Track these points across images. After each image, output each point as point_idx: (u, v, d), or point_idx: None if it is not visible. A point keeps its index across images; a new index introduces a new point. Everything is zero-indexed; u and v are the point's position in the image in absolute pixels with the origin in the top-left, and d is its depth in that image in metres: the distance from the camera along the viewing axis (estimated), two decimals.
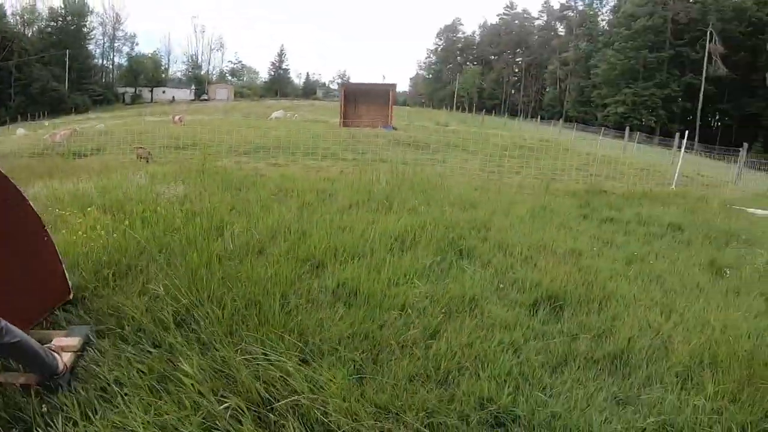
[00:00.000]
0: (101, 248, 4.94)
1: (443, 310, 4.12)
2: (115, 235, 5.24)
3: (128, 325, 3.63)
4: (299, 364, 3.21)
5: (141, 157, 12.80)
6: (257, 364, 3.18)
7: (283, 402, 2.90)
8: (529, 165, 15.19)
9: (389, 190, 8.65)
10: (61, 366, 3.08)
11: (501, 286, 4.80)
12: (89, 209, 5.85)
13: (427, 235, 5.96)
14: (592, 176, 14.71)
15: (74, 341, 3.37)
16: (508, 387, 3.17)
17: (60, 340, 3.35)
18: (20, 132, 31.25)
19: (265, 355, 3.24)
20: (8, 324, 2.81)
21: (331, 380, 3.05)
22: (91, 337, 3.52)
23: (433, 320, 3.93)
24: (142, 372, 3.12)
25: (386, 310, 4.04)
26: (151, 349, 3.35)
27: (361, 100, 31.49)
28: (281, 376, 3.08)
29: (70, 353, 3.24)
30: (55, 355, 3.11)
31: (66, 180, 9.01)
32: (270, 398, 2.95)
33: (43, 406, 2.92)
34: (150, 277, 4.42)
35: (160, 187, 7.90)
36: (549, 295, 4.63)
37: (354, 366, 3.30)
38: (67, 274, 4.01)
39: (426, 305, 4.19)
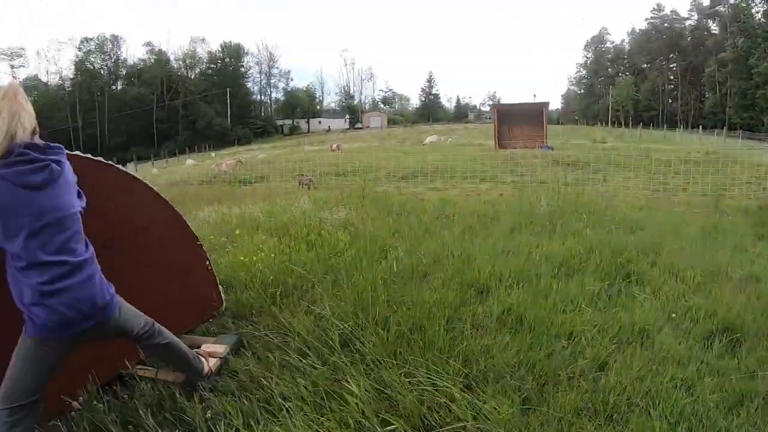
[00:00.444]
0: (269, 268, 5.21)
1: (613, 341, 3.90)
2: (282, 256, 5.49)
3: (294, 342, 3.77)
4: (463, 391, 3.14)
5: (303, 184, 13.41)
6: (421, 388, 3.15)
7: (446, 428, 2.85)
8: (695, 181, 14.18)
9: (551, 212, 8.41)
10: (206, 369, 3.46)
11: (673, 315, 4.47)
12: (257, 232, 6.13)
13: (594, 259, 5.70)
14: (766, 190, 13.45)
15: (221, 348, 3.76)
16: (681, 428, 2.94)
17: (208, 346, 3.79)
18: (189, 162, 34.12)
19: (430, 379, 3.20)
20: (161, 327, 3.18)
21: (495, 409, 2.96)
22: (241, 346, 3.89)
23: (603, 351, 3.73)
24: (307, 388, 3.20)
25: (553, 338, 3.89)
26: (317, 367, 3.43)
27: (514, 121, 30.81)
28: (445, 402, 3.03)
29: (216, 359, 3.64)
30: (202, 359, 3.49)
31: (233, 205, 9.60)
32: (433, 424, 2.91)
33: (208, 412, 3.13)
34: (315, 297, 4.58)
35: (323, 212, 8.20)
36: (725, 326, 4.25)
37: (519, 395, 3.18)
38: (220, 288, 4.56)
39: (594, 334, 3.98)
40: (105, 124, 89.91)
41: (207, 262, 4.47)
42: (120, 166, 3.75)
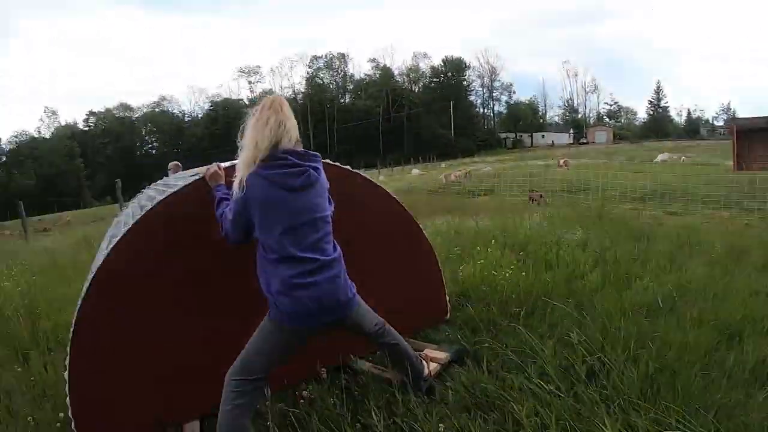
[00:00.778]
0: (506, 284, 5.13)
1: None
2: (521, 274, 5.36)
3: (535, 365, 3.62)
4: None
5: (533, 200, 13.16)
6: None
7: None
8: None
9: None
10: (425, 372, 3.60)
11: None
12: (492, 245, 6.07)
13: None
14: None
15: (442, 355, 3.96)
16: None
17: (431, 351, 4.01)
18: (415, 172, 35.36)
19: (680, 430, 2.90)
20: (390, 327, 3.45)
21: None
22: (465, 358, 4.01)
23: None
24: (547, 418, 3.05)
25: None
26: (561, 396, 3.24)
27: (756, 139, 26.69)
28: None
29: (436, 364, 3.82)
30: (423, 362, 3.65)
31: (464, 216, 9.62)
32: None
33: (441, 425, 3.11)
34: (555, 320, 4.40)
35: (559, 230, 7.92)
36: None
37: None
38: (447, 298, 4.78)
39: None
40: (333, 133, 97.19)
41: (438, 271, 4.69)
42: (364, 175, 4.14)
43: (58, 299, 7.18)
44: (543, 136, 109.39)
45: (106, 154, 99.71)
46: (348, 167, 3.97)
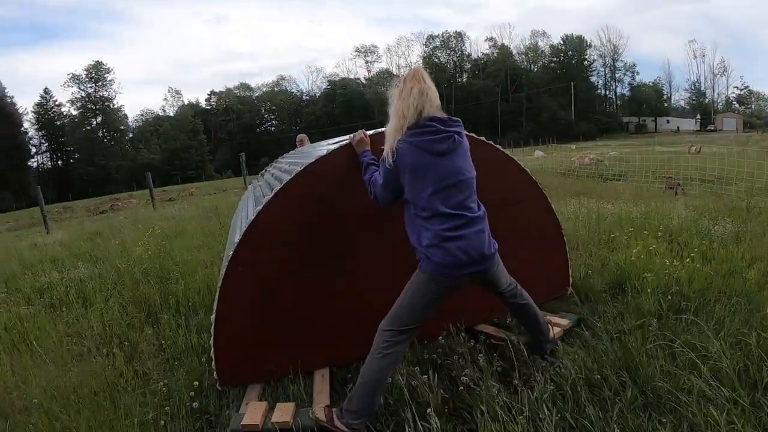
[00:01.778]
0: (665, 275, 4.86)
1: None
2: (686, 263, 5.06)
3: (706, 365, 3.31)
4: None
5: (669, 187, 12.45)
6: None
7: None
8: None
9: None
10: (551, 334, 3.93)
11: None
12: (641, 233, 5.75)
13: None
14: None
15: (565, 322, 4.29)
16: None
17: (552, 317, 4.32)
18: (538, 153, 34.50)
19: None
20: (522, 289, 3.71)
21: None
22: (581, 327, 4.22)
23: None
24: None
25: None
26: (739, 401, 2.95)
27: None
28: None
29: (559, 329, 4.13)
30: (548, 325, 3.96)
31: (600, 200, 9.21)
32: None
33: None
34: (721, 317, 4.06)
35: (705, 221, 7.39)
36: None
37: None
38: (570, 272, 5.05)
39: None
40: (451, 113, 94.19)
41: (563, 245, 4.93)
42: (499, 147, 4.36)
43: (188, 263, 7.50)
44: (668, 122, 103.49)
45: (227, 130, 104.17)
46: (482, 138, 4.16)
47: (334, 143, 4.09)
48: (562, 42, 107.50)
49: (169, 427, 3.45)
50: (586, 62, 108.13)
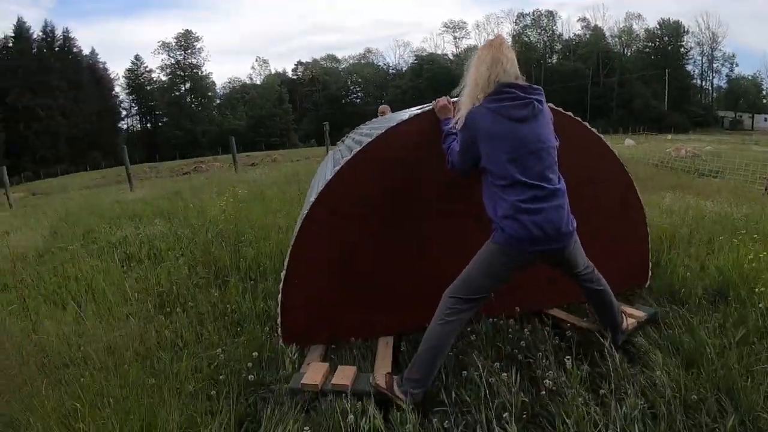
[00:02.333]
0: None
1: None
2: None
3: None
4: None
5: None
6: None
7: None
8: None
9: None
10: (624, 325, 3.70)
11: None
12: (753, 238, 5.23)
13: None
14: None
15: (640, 314, 4.00)
16: None
17: (627, 308, 4.03)
18: (629, 142, 33.12)
19: None
20: (598, 273, 3.51)
21: None
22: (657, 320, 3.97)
23: None
24: None
25: None
26: None
27: None
28: None
29: (633, 320, 3.86)
30: (624, 316, 3.75)
31: (699, 197, 8.65)
32: None
33: None
34: None
35: None
36: None
37: None
38: (650, 265, 4.74)
39: None
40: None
41: (645, 234, 4.64)
42: (585, 123, 4.12)
43: (263, 227, 7.42)
44: (765, 119, 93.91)
45: (312, 100, 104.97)
46: (560, 109, 3.88)
47: (417, 110, 4.00)
48: (658, 26, 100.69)
49: (219, 399, 3.28)
50: (682, 49, 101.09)
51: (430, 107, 3.72)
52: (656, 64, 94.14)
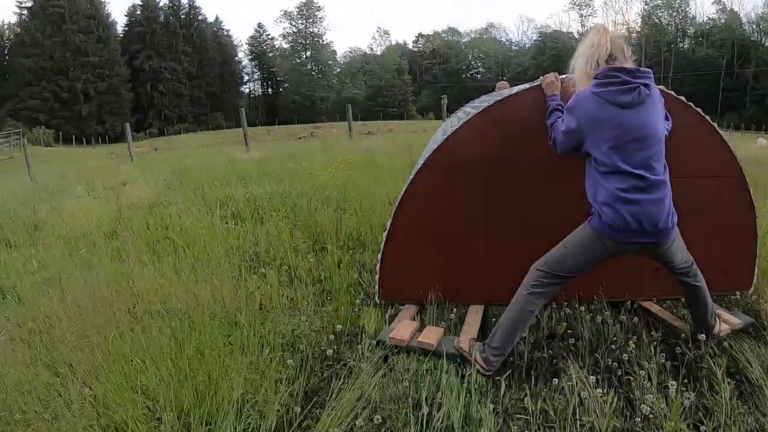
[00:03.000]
0: None
1: None
2: None
3: None
4: None
5: None
6: None
7: None
8: None
9: None
10: (716, 330, 3.51)
11: None
12: None
13: None
14: None
15: (736, 321, 3.73)
16: None
17: (724, 313, 3.80)
18: (761, 142, 30.24)
19: None
20: (697, 268, 3.35)
21: None
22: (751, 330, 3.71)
23: None
24: None
25: None
26: None
27: None
28: None
29: (727, 326, 3.62)
30: (717, 319, 3.55)
31: None
32: None
33: None
34: None
35: None
36: None
37: None
38: (756, 270, 4.33)
39: None
40: (669, 80, 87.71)
41: (755, 238, 4.25)
42: (698, 110, 3.84)
43: (369, 196, 7.38)
44: None
45: (432, 73, 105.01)
46: (682, 98, 3.77)
47: (527, 86, 3.86)
48: None
49: (295, 370, 3.19)
50: None
51: (538, 83, 3.66)
52: None
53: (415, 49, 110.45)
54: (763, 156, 17.04)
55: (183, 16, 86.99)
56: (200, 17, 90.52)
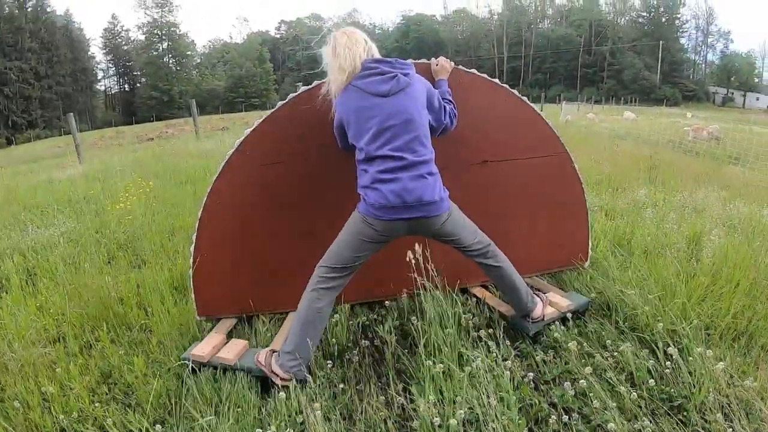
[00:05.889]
0: None
1: None
2: None
3: None
4: None
5: None
6: None
7: None
8: None
9: None
10: (538, 313, 3.50)
11: None
12: None
13: None
14: None
15: (564, 303, 3.69)
16: None
17: (554, 296, 3.78)
18: (628, 115, 31.54)
19: None
20: (498, 250, 3.37)
21: None
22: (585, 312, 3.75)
23: None
24: None
25: None
26: None
27: None
28: None
29: (554, 309, 3.62)
30: (538, 301, 3.54)
31: (734, 195, 7.30)
32: None
33: None
34: None
35: None
36: None
37: None
38: (590, 245, 4.46)
39: None
40: (530, 59, 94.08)
41: (585, 215, 4.40)
42: (513, 91, 3.88)
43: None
44: (758, 99, 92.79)
45: (296, 60, 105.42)
46: (496, 81, 3.84)
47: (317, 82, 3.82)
48: None
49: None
50: (677, 22, 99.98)
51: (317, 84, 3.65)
52: (650, 34, 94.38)
53: (278, 36, 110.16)
54: (638, 132, 17.00)
55: (29, 9, 79.27)
56: (49, 10, 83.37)
